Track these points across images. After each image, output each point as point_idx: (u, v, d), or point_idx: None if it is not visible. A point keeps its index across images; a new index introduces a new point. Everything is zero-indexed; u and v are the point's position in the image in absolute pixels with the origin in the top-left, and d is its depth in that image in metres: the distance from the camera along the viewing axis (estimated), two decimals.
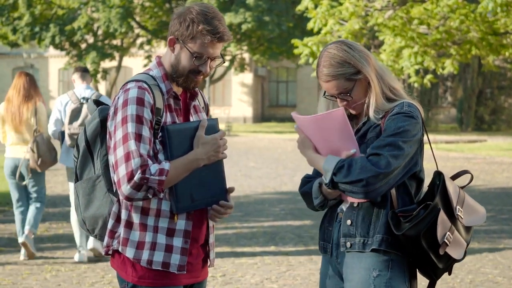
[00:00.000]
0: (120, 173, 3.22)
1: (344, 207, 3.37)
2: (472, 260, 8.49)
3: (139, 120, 3.23)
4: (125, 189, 3.21)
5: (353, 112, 3.41)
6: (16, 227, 8.83)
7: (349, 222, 3.32)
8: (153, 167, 3.20)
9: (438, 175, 3.32)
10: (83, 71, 8.76)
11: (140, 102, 3.25)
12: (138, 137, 3.22)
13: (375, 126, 3.31)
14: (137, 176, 3.18)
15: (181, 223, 3.34)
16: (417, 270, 3.36)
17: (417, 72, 23.53)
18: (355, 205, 3.32)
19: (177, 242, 3.33)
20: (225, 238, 9.69)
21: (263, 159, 22.66)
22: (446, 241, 3.21)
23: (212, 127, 3.39)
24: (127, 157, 3.20)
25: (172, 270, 3.33)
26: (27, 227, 8.38)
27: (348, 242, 3.31)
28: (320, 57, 3.35)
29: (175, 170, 3.25)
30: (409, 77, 24.68)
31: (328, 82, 3.32)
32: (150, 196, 3.24)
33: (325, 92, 3.38)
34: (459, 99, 46.76)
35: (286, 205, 12.82)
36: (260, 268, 8.10)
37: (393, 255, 3.27)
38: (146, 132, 3.24)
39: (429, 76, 22.93)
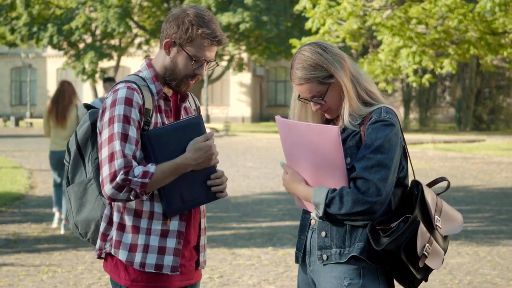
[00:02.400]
0: (103, 173, 3.21)
1: (315, 216, 3.29)
2: (471, 261, 8.47)
3: (126, 120, 3.21)
4: (107, 189, 3.20)
5: (328, 116, 3.34)
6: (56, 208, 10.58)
7: (323, 233, 3.25)
8: (137, 169, 3.18)
9: (416, 185, 3.24)
10: (111, 80, 11.14)
11: (128, 102, 3.23)
12: (124, 137, 3.20)
13: (355, 134, 3.23)
14: (119, 177, 3.17)
15: (174, 224, 3.32)
16: (395, 279, 3.31)
17: (415, 71, 23.53)
18: None
19: (170, 243, 3.31)
20: (222, 239, 9.67)
21: (262, 159, 22.65)
22: (425, 253, 3.16)
23: (196, 126, 3.31)
24: (111, 158, 3.19)
25: (165, 272, 3.31)
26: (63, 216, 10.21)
27: (325, 255, 3.25)
28: (294, 59, 3.28)
29: (161, 174, 3.22)
30: (408, 76, 24.68)
31: (300, 85, 3.26)
32: (132, 198, 3.22)
33: (299, 95, 3.32)
34: (457, 98, 46.78)
35: (284, 206, 12.80)
36: (258, 269, 8.08)
37: (364, 263, 3.20)
38: (133, 132, 3.22)
39: (427, 76, 22.94)
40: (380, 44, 29.52)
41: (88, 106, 3.46)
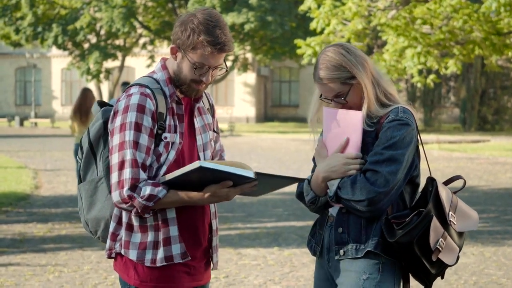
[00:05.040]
0: (112, 179, 3.25)
1: (333, 212, 3.37)
2: (476, 262, 8.47)
3: (137, 128, 3.23)
4: (114, 196, 3.25)
5: None
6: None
7: (340, 229, 3.33)
8: (145, 189, 3.20)
9: (431, 181, 3.32)
10: (127, 85, 13.06)
11: (140, 109, 3.24)
12: (135, 145, 3.22)
13: (371, 132, 3.32)
14: (125, 191, 3.20)
15: (170, 212, 3.32)
16: (410, 274, 3.36)
17: (420, 72, 23.52)
18: (344, 210, 3.33)
19: (173, 231, 3.32)
20: (228, 239, 9.68)
21: (266, 159, 22.65)
22: (438, 247, 3.22)
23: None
24: (121, 166, 3.22)
25: (176, 261, 3.31)
26: None
27: (342, 250, 3.32)
28: (318, 59, 3.36)
29: (170, 201, 3.24)
30: (412, 77, 24.68)
31: (323, 85, 3.33)
32: (134, 214, 3.26)
33: (321, 94, 3.40)
34: (462, 99, 46.73)
35: (289, 206, 12.80)
36: (263, 269, 8.08)
37: (384, 259, 3.28)
38: (144, 140, 3.24)
39: (432, 76, 22.92)
40: (385, 44, 29.52)
41: (101, 104, 3.46)
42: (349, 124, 3.30)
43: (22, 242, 9.46)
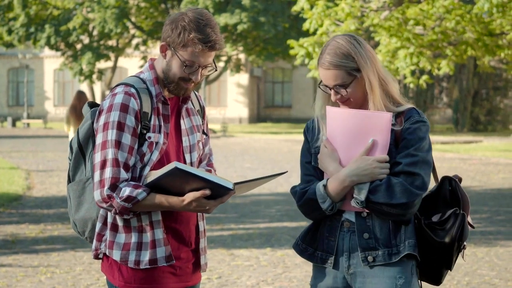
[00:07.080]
0: (94, 178, 3.26)
1: (349, 217, 3.27)
2: (469, 262, 8.48)
3: (120, 127, 3.22)
4: (95, 195, 3.26)
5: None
6: None
7: (366, 235, 3.23)
8: (124, 190, 3.20)
9: (449, 181, 3.33)
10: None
11: (124, 108, 3.24)
12: (117, 145, 3.22)
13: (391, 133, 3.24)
14: (105, 190, 3.21)
15: (156, 215, 3.31)
16: (422, 275, 3.35)
17: (412, 72, 23.55)
18: (364, 215, 3.23)
19: (158, 234, 3.31)
20: (220, 240, 9.67)
21: (259, 160, 22.64)
22: (465, 244, 3.31)
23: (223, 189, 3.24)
24: (103, 165, 3.23)
25: (160, 264, 3.30)
26: None
27: (370, 256, 3.22)
28: (327, 45, 3.27)
29: (149, 202, 3.22)
30: (405, 77, 24.71)
31: (328, 70, 3.23)
32: (113, 214, 3.27)
33: (321, 82, 3.30)
34: (454, 99, 46.82)
35: (282, 207, 12.80)
36: (256, 270, 8.07)
37: (415, 261, 3.26)
38: (126, 139, 3.24)
39: (424, 77, 22.96)
40: (377, 45, 29.55)
41: (91, 105, 3.46)
42: (374, 126, 3.18)
43: (14, 243, 9.43)
